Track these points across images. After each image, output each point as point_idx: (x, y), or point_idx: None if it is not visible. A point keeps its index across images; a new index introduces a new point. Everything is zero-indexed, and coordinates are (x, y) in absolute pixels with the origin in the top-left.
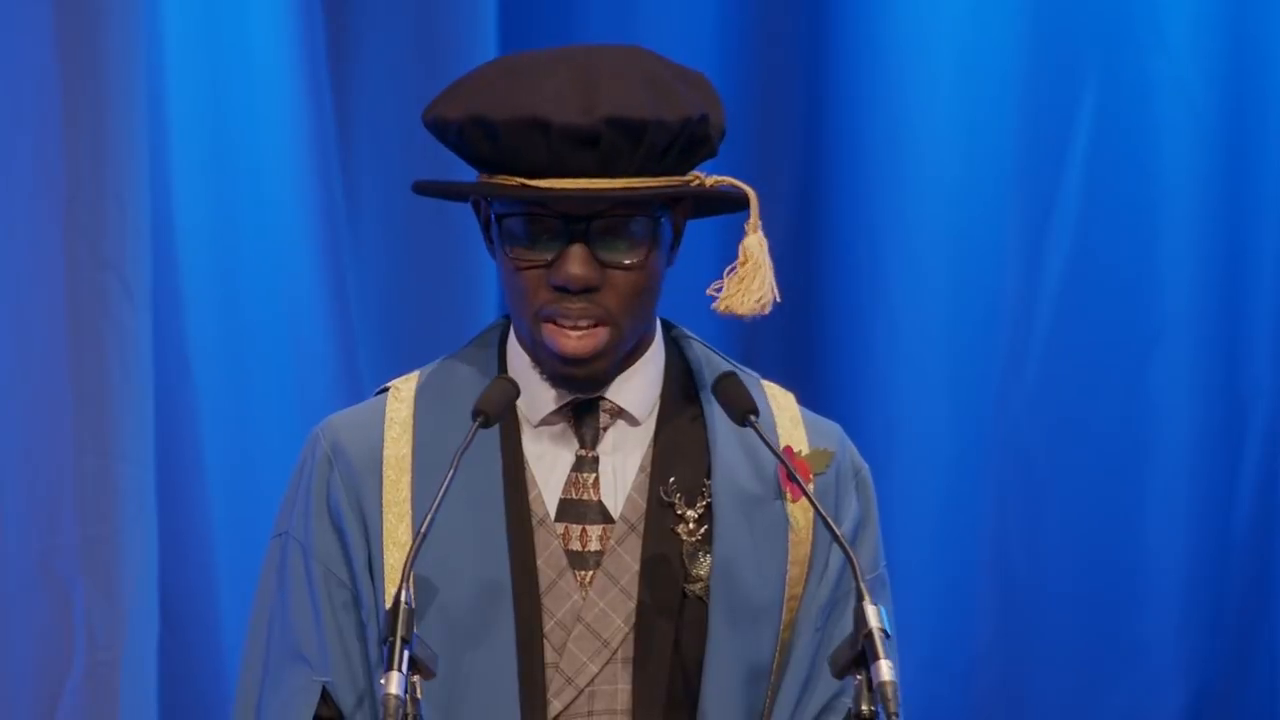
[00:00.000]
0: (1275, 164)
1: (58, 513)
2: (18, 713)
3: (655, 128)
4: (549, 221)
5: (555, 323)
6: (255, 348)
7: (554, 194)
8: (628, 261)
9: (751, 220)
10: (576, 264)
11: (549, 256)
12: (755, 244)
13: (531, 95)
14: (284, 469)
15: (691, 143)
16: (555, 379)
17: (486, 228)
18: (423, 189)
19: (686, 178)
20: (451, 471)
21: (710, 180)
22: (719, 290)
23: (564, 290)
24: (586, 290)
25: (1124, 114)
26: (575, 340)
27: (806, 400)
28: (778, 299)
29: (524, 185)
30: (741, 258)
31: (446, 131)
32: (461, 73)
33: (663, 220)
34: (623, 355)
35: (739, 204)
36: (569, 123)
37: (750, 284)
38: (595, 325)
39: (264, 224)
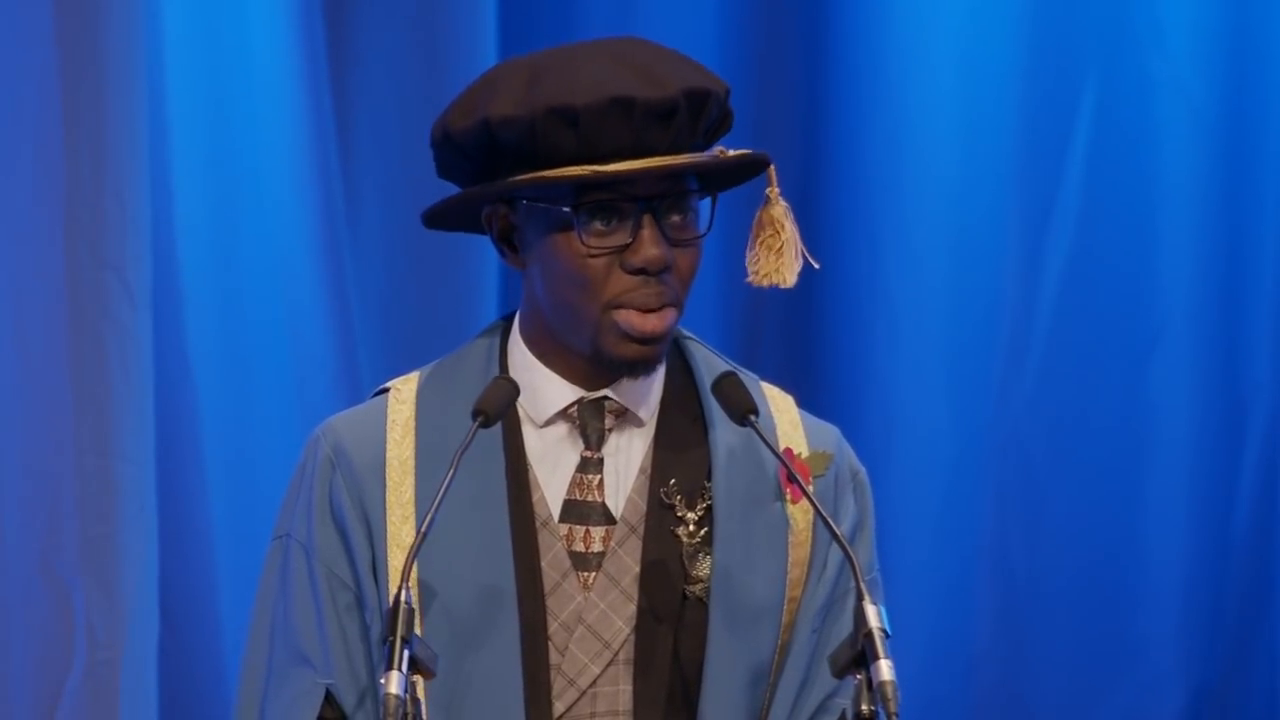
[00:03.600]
0: (1275, 164)
1: (58, 513)
2: (18, 713)
3: (714, 99)
4: (620, 205)
5: (629, 308)
6: (255, 347)
7: (635, 174)
8: (691, 237)
9: (773, 190)
10: (655, 245)
11: (625, 240)
12: (782, 213)
13: (593, 80)
14: (284, 469)
15: (725, 115)
16: (614, 366)
17: (505, 237)
18: (450, 207)
19: (715, 152)
20: (452, 471)
21: (733, 152)
22: (755, 264)
23: (642, 273)
24: (662, 271)
25: (1124, 114)
26: (654, 319)
27: (806, 400)
28: (814, 264)
29: (597, 171)
30: (770, 229)
31: (510, 130)
32: (461, 72)
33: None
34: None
35: (741, 179)
36: (651, 97)
37: (788, 254)
38: (664, 307)
39: (264, 224)
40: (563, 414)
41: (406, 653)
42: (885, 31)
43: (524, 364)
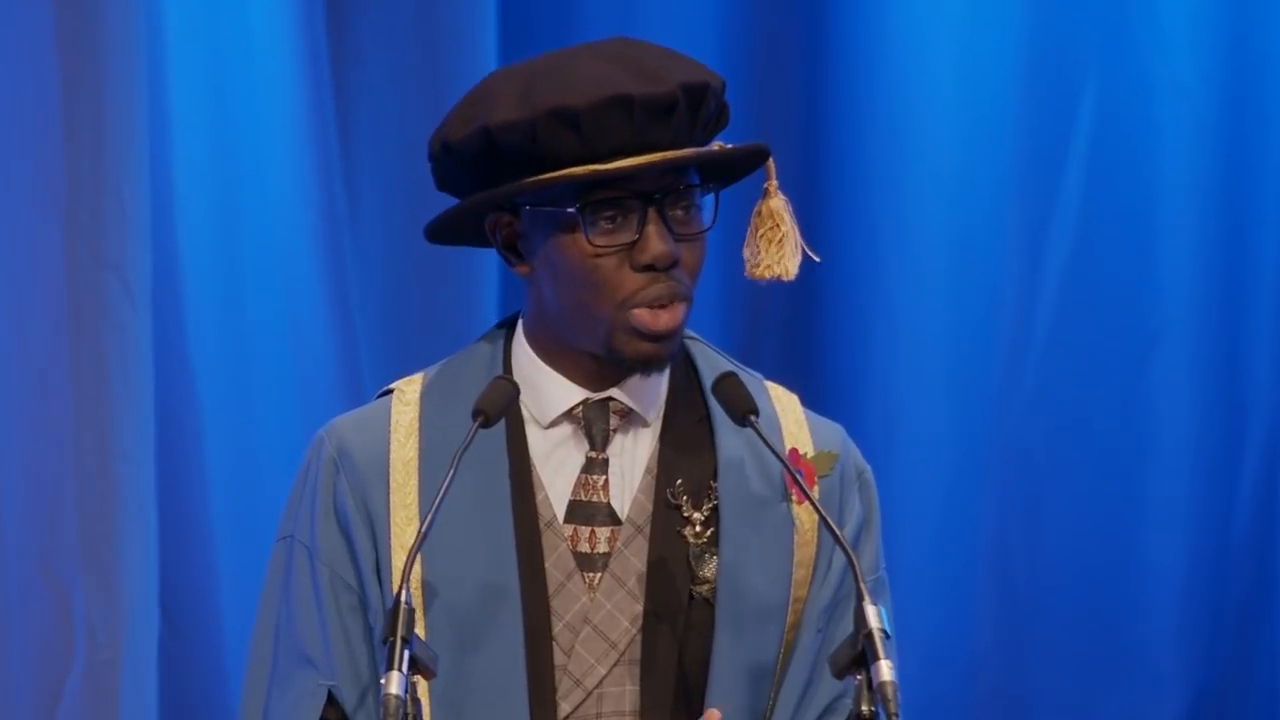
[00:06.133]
0: (1275, 164)
1: (58, 513)
2: (18, 713)
3: (712, 92)
4: (625, 202)
5: (641, 306)
6: (256, 347)
7: (638, 169)
8: (696, 231)
9: (771, 182)
10: (661, 240)
11: (631, 237)
12: (781, 205)
13: (591, 80)
14: (285, 468)
15: (723, 109)
16: (628, 364)
17: (510, 245)
18: (453, 217)
19: (714, 146)
20: (451, 473)
21: (733, 146)
22: (754, 257)
23: (650, 269)
24: (670, 266)
25: (1124, 114)
26: (665, 315)
27: (807, 400)
28: (815, 258)
29: (598, 170)
30: (770, 221)
31: (511, 134)
32: (461, 72)
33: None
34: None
35: (741, 173)
36: (651, 93)
37: (787, 246)
38: (675, 301)
39: (265, 224)
40: (567, 415)
41: (407, 653)
42: (885, 31)
43: (528, 366)
